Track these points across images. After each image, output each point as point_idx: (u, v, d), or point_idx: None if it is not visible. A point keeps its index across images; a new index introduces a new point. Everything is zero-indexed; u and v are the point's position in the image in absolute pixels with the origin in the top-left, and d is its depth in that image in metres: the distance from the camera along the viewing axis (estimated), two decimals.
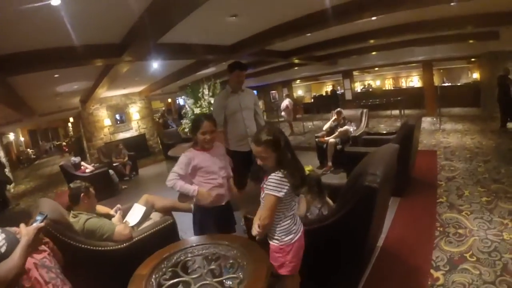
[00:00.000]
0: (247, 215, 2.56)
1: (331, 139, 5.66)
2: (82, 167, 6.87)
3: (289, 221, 1.84)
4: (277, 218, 1.82)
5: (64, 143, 20.28)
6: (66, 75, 5.71)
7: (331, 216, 2.10)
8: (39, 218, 1.51)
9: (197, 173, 2.49)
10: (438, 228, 3.16)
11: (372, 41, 7.38)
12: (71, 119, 18.07)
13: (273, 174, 1.75)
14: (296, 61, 8.83)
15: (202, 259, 1.93)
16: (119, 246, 2.46)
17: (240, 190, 3.66)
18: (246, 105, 3.65)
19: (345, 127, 5.72)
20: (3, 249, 1.32)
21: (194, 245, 2.08)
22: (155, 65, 6.70)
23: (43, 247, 2.02)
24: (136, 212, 3.12)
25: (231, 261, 1.84)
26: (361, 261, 2.35)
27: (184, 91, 7.16)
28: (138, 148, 10.89)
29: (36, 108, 9.43)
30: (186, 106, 6.78)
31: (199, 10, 3.18)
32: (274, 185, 1.73)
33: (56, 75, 5.63)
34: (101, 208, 3.18)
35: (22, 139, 20.32)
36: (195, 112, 6.58)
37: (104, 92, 8.96)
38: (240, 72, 3.55)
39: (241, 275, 1.67)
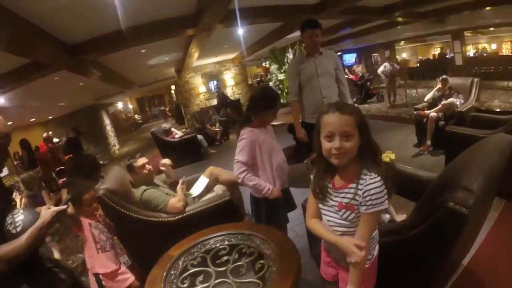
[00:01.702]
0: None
1: (432, 113, 4.73)
2: (172, 133, 7.25)
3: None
4: None
5: (167, 109, 22.21)
6: (153, 49, 5.95)
7: (400, 231, 1.59)
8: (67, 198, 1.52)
9: (261, 155, 2.18)
10: None
11: None
12: (173, 87, 19.51)
13: (370, 180, 1.20)
14: (399, 19, 7.68)
15: (236, 252, 1.72)
16: (170, 219, 2.47)
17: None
18: (324, 70, 3.08)
19: (450, 100, 4.70)
20: (18, 229, 1.35)
21: (233, 232, 1.89)
22: (240, 31, 6.53)
23: (97, 215, 2.16)
24: (199, 184, 3.10)
25: (262, 261, 1.60)
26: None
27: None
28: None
29: (134, 80, 10.44)
30: (271, 71, 6.54)
31: None
32: (380, 197, 1.19)
33: (143, 50, 5.91)
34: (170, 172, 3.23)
35: (130, 106, 22.89)
36: (279, 78, 6.33)
37: (196, 61, 9.24)
38: (311, 31, 2.97)
39: (261, 283, 1.43)
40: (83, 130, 11.02)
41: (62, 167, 6.47)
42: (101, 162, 9.21)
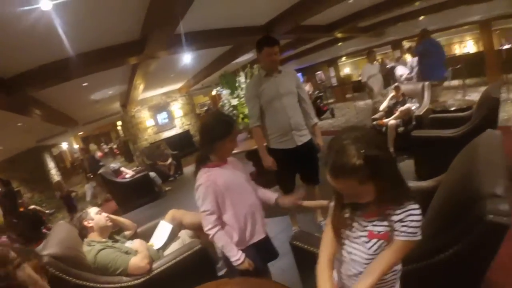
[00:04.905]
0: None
1: (391, 121, 4.79)
2: (122, 173, 6.64)
3: None
4: None
5: (115, 147, 21.02)
6: (95, 82, 5.46)
7: (424, 257, 1.33)
8: None
9: (228, 200, 1.77)
10: None
11: (417, 3, 6.40)
12: (119, 122, 18.61)
13: (411, 206, 1.04)
14: (339, 35, 7.91)
15: None
16: (135, 282, 2.00)
17: (287, 197, 3.03)
18: (286, 89, 2.81)
19: (407, 105, 4.79)
20: None
21: None
22: (187, 58, 6.27)
23: None
24: (161, 232, 2.64)
25: None
26: None
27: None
28: (184, 145, 10.78)
29: (77, 118, 9.65)
30: (222, 97, 6.27)
31: None
32: (417, 226, 1.04)
33: (84, 84, 5.39)
34: (128, 225, 2.73)
35: (76, 146, 21.32)
36: (232, 104, 6.06)
37: (142, 94, 8.80)
38: (270, 48, 2.72)
39: None
40: (25, 177, 9.94)
41: None
42: (47, 211, 8.30)
